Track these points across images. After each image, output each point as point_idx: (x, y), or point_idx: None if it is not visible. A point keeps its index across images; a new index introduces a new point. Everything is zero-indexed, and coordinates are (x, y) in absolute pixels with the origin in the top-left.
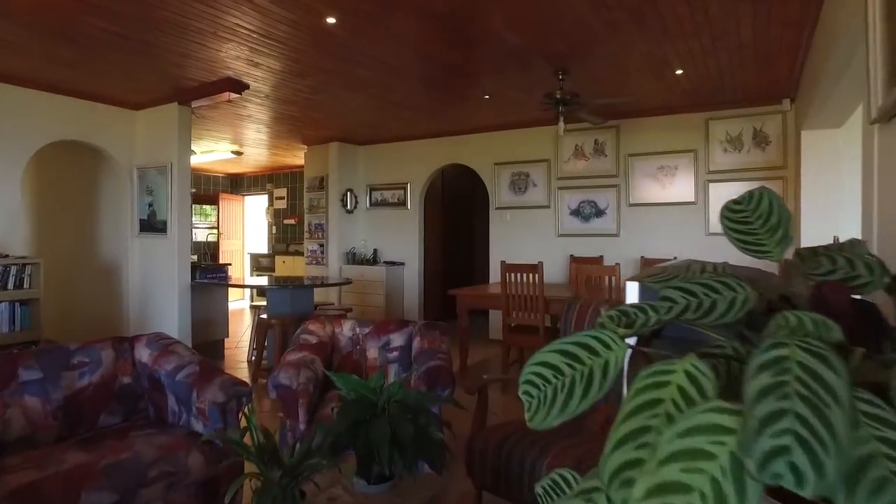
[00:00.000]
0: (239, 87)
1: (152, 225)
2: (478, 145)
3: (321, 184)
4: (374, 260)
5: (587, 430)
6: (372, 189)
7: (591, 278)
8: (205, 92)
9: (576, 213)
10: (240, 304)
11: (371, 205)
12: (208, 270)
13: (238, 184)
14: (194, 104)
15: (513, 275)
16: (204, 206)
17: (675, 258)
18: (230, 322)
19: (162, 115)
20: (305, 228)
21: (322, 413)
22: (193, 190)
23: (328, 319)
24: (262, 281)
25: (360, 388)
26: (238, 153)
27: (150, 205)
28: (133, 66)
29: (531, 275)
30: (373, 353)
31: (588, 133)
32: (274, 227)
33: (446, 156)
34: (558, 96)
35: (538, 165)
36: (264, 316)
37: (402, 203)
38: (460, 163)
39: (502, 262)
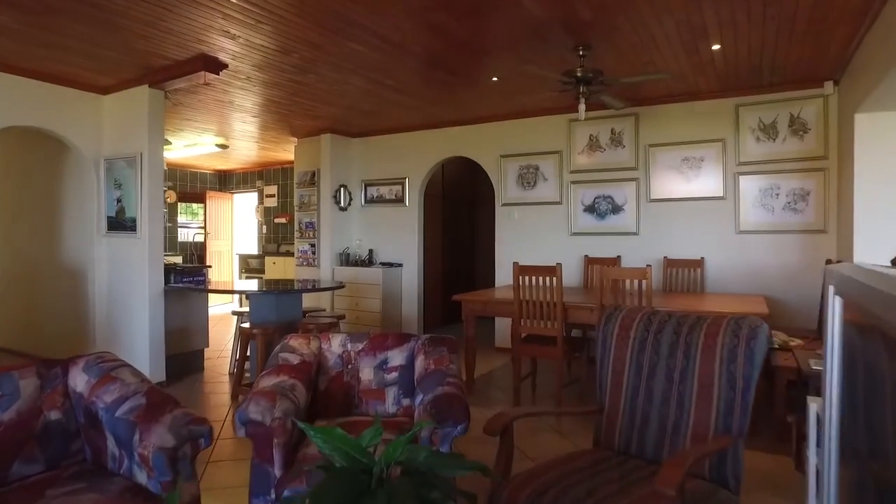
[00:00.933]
0: (216, 66)
1: (121, 223)
2: (482, 136)
3: (312, 179)
4: (369, 261)
5: (648, 484)
6: (367, 185)
7: (618, 283)
8: (178, 72)
9: (590, 209)
10: (227, 308)
11: (366, 202)
12: (185, 273)
13: (226, 181)
14: (167, 87)
15: (527, 278)
16: (191, 205)
17: (702, 259)
18: (215, 329)
19: (131, 99)
20: (296, 227)
21: (305, 452)
22: (169, 184)
23: (314, 333)
24: (248, 284)
25: (349, 449)
26: (223, 146)
27: (119, 200)
28: (93, 40)
29: (548, 278)
30: (367, 373)
31: (604, 122)
32: (264, 227)
33: (448, 148)
34: (579, 74)
35: (549, 158)
36: (246, 324)
37: (400, 200)
38: (463, 155)
39: (515, 265)
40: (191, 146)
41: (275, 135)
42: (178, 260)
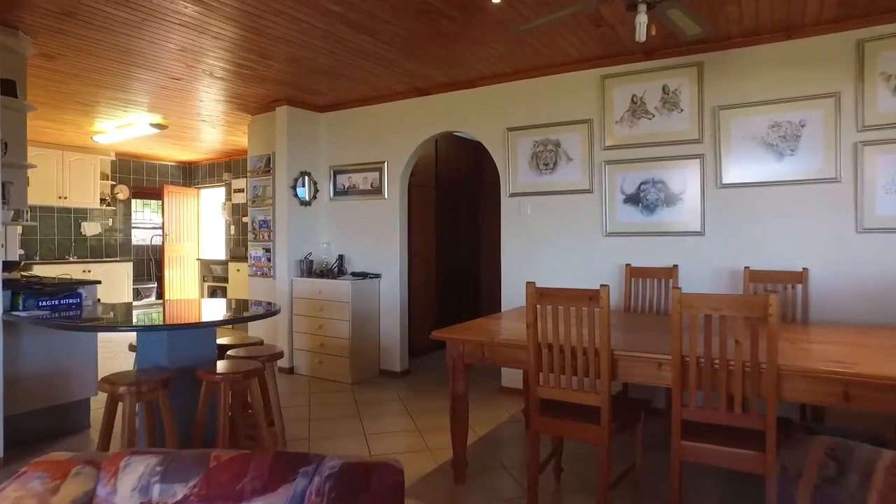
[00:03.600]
0: None
1: None
2: (483, 103)
3: (267, 166)
4: (339, 270)
5: None
6: (337, 172)
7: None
8: None
9: (634, 199)
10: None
11: (336, 193)
12: (42, 296)
13: (191, 174)
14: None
15: (549, 307)
16: (150, 202)
17: (805, 271)
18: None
19: None
20: (249, 227)
21: None
22: (114, 183)
23: (79, 464)
24: (138, 314)
25: None
26: (161, 126)
27: None
28: None
29: (586, 308)
30: None
31: (653, 76)
32: (232, 227)
33: (438, 121)
34: None
35: (574, 129)
36: (133, 369)
37: (377, 190)
38: (458, 130)
39: (531, 288)
40: (123, 128)
41: (225, 111)
42: (128, 268)
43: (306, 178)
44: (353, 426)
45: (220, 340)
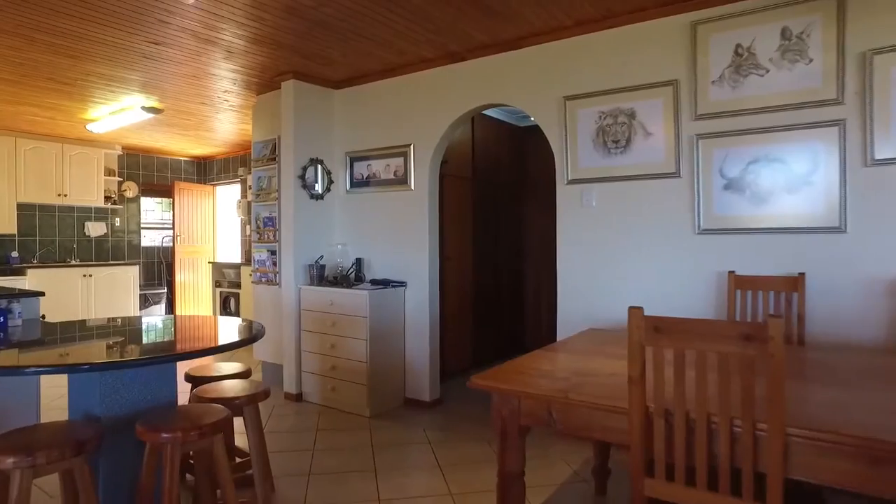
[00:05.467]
0: None
1: None
2: (533, 67)
3: (273, 153)
4: (357, 277)
5: None
6: (354, 159)
7: None
8: None
9: (737, 185)
10: None
11: (353, 184)
12: None
13: (206, 169)
14: None
15: (670, 350)
16: (161, 200)
17: None
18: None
19: None
20: (253, 226)
21: None
22: (120, 179)
23: None
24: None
25: None
26: (155, 110)
27: None
28: None
29: (736, 351)
30: None
31: (766, 17)
32: (248, 227)
33: (475, 93)
34: None
35: (654, 95)
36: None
37: (401, 179)
38: (501, 103)
39: (635, 315)
40: (116, 114)
41: (226, 89)
42: (134, 272)
43: (318, 166)
44: (364, 486)
45: (194, 370)
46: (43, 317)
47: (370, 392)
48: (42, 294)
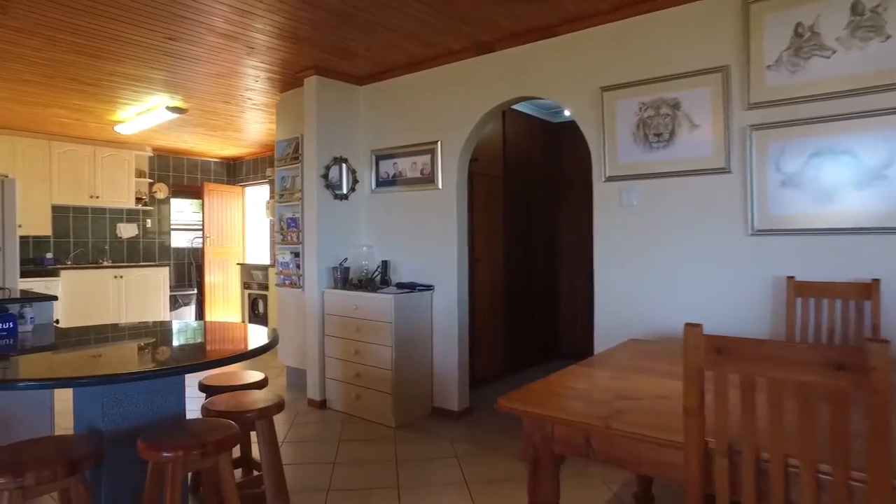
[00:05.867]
0: None
1: None
2: (567, 56)
3: (296, 152)
4: (382, 280)
5: None
6: (379, 157)
7: None
8: None
9: (797, 180)
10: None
11: (378, 184)
12: None
13: (235, 170)
14: None
15: (737, 374)
16: (192, 201)
17: None
18: None
19: None
20: (276, 227)
21: None
22: (151, 181)
23: None
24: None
25: None
26: (180, 110)
27: None
28: None
29: (825, 380)
30: None
31: None
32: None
33: (505, 85)
34: None
35: (702, 82)
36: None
37: (428, 178)
38: (531, 97)
39: (693, 333)
40: (143, 114)
41: (248, 87)
42: (165, 273)
43: (343, 165)
44: None
45: (210, 378)
46: (57, 321)
47: (395, 401)
48: (55, 298)
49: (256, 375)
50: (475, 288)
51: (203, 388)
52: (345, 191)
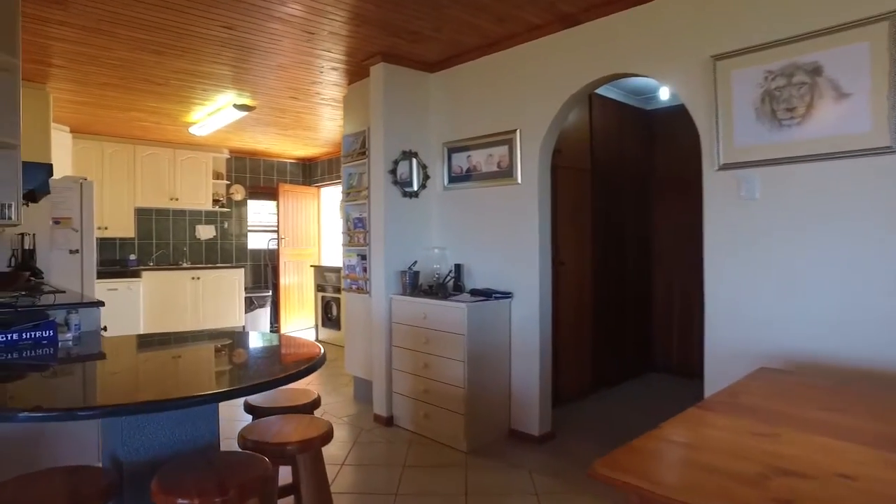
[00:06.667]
0: None
1: None
2: (668, 22)
3: (363, 147)
4: (455, 286)
5: None
6: (452, 150)
7: None
8: None
9: None
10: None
11: (451, 179)
12: None
13: (311, 171)
14: None
15: None
16: (267, 202)
17: None
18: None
19: None
20: (343, 228)
21: None
22: (228, 182)
23: None
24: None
25: None
26: (247, 108)
27: None
28: None
29: None
30: None
31: None
32: None
33: (594, 62)
34: None
35: (853, 38)
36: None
37: (506, 172)
38: (625, 74)
39: None
40: (214, 114)
41: (313, 80)
42: (240, 275)
43: (412, 160)
44: None
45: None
46: (104, 328)
47: (468, 422)
48: (101, 304)
49: (309, 394)
50: (559, 294)
51: (249, 408)
52: (415, 187)
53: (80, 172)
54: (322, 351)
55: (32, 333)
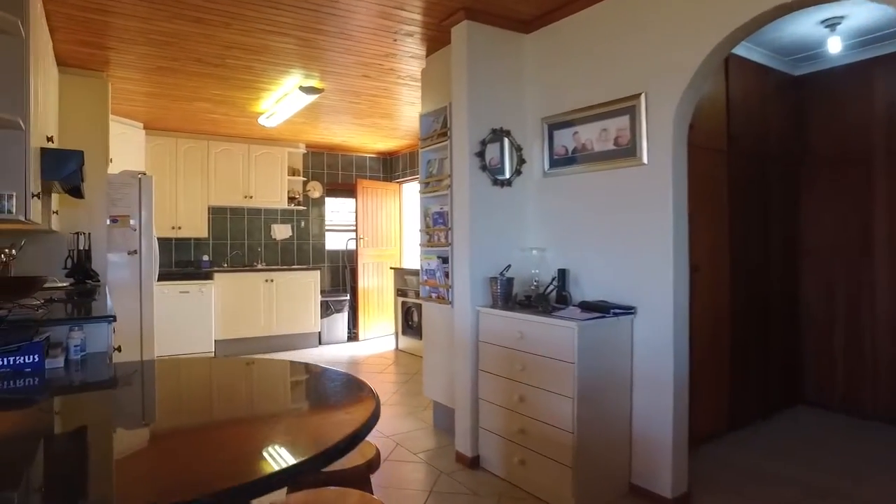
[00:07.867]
0: None
1: None
2: None
3: (444, 126)
4: (559, 298)
5: None
6: (553, 127)
7: None
8: None
9: None
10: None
11: (552, 163)
12: None
13: (391, 166)
14: None
15: None
16: (346, 200)
17: None
18: None
19: None
20: (420, 224)
21: None
22: (305, 179)
23: None
24: None
25: None
26: (315, 90)
27: None
28: None
29: None
30: None
31: None
32: None
33: (738, 9)
34: None
35: None
36: None
37: (628, 150)
38: (804, 2)
39: None
40: (280, 101)
41: (385, 53)
42: (316, 277)
43: (504, 140)
44: None
45: None
46: (118, 349)
47: (577, 476)
48: (113, 318)
49: (364, 450)
50: (692, 308)
51: None
52: (507, 174)
53: (154, 170)
54: (376, 413)
55: (11, 359)
